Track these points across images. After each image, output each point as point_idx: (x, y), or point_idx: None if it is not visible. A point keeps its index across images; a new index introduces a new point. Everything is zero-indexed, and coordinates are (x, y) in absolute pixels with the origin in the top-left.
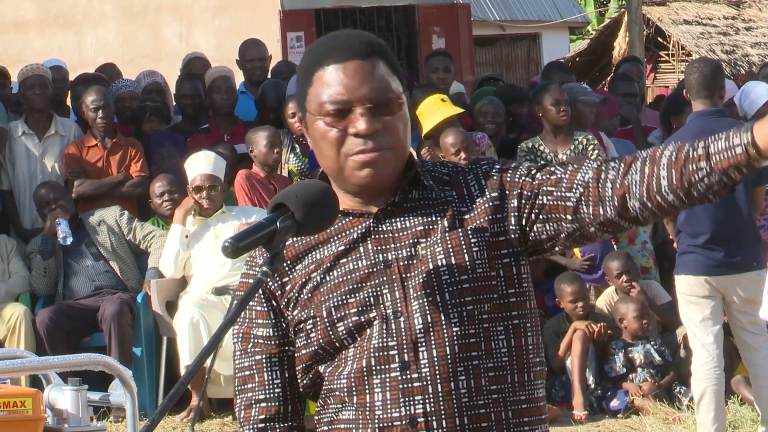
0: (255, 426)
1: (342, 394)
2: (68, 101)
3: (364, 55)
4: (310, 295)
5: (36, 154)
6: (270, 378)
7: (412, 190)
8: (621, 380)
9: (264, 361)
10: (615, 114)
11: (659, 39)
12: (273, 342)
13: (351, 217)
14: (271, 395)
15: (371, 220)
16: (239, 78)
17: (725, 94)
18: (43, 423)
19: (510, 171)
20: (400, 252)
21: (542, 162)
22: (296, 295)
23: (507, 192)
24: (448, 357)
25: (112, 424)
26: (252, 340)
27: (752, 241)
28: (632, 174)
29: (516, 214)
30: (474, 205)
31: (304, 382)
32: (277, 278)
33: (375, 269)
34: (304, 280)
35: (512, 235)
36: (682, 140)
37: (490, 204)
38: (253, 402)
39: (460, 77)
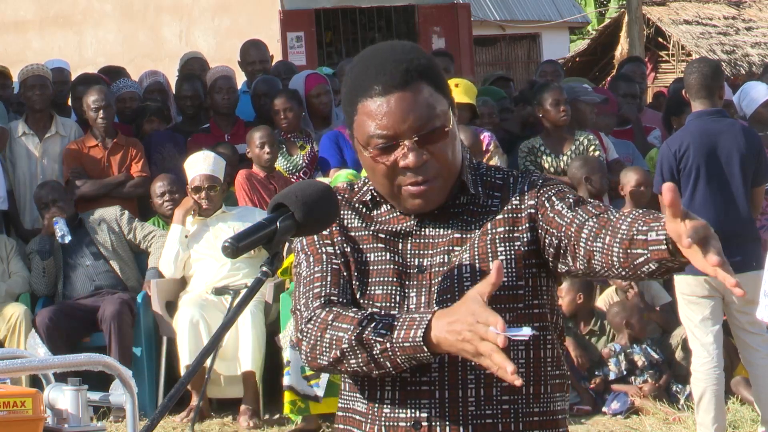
0: (313, 306)
1: (357, 385)
2: (69, 102)
3: (405, 84)
4: (346, 261)
5: (36, 154)
6: (335, 280)
7: (460, 195)
8: (620, 383)
9: (329, 269)
10: (612, 112)
11: (659, 39)
12: (338, 259)
13: (398, 213)
14: (334, 290)
15: (414, 221)
16: (240, 78)
17: (725, 94)
18: (43, 423)
19: (548, 186)
20: (434, 258)
21: (555, 180)
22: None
23: (539, 205)
24: (459, 364)
25: (112, 424)
26: (319, 254)
27: (752, 241)
28: (598, 241)
29: (540, 225)
30: (512, 215)
31: None
32: (340, 224)
33: (409, 271)
34: (343, 247)
35: (540, 245)
36: (682, 140)
37: (525, 213)
38: (312, 296)
39: (460, 77)
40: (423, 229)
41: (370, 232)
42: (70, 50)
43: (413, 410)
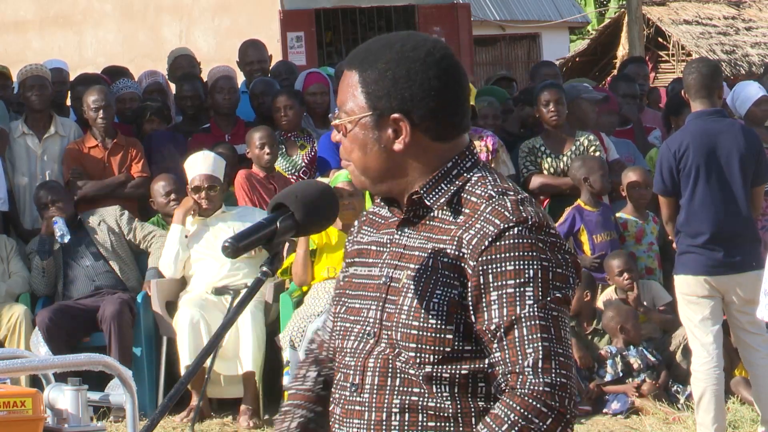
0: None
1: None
2: (68, 102)
3: (346, 65)
4: (343, 282)
5: (36, 154)
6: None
7: (420, 206)
8: (618, 384)
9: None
10: (614, 112)
11: (659, 39)
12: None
13: (395, 218)
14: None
15: (395, 229)
16: (241, 77)
17: (723, 93)
18: (43, 423)
19: (490, 251)
20: (397, 272)
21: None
22: (342, 274)
23: (478, 270)
24: (387, 388)
25: (112, 424)
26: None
27: (752, 241)
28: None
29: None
30: (457, 253)
31: None
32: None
33: (379, 281)
34: (345, 271)
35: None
36: (681, 140)
37: (468, 269)
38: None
39: None
40: (401, 238)
41: (368, 245)
42: (70, 50)
43: (348, 428)
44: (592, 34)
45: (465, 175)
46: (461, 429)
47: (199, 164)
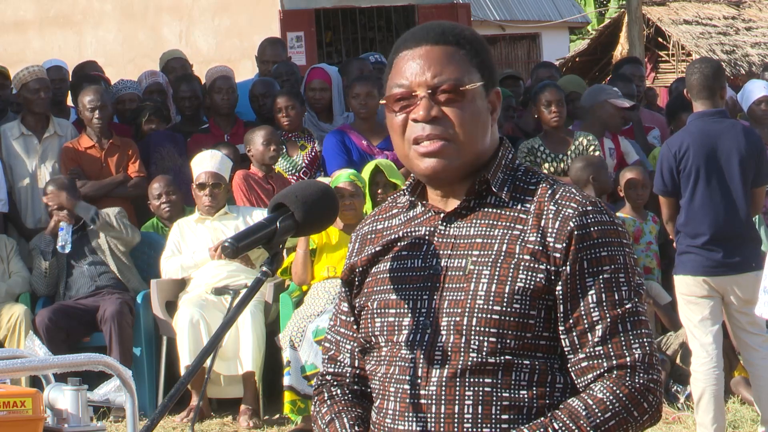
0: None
1: (373, 395)
2: (68, 101)
3: (436, 40)
4: (369, 279)
5: (36, 154)
6: (344, 344)
7: (488, 195)
8: None
9: (343, 330)
10: (627, 118)
11: (659, 39)
12: (347, 303)
13: (431, 213)
14: (343, 361)
15: (439, 221)
16: (240, 76)
17: (726, 94)
18: (43, 423)
19: (583, 237)
20: (452, 261)
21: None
22: (361, 278)
23: (570, 256)
24: (458, 380)
25: (112, 424)
26: (339, 317)
27: (751, 241)
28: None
29: (560, 279)
30: (540, 239)
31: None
32: (347, 261)
33: (425, 273)
34: (370, 261)
35: (557, 288)
36: (682, 141)
37: (554, 254)
38: (329, 346)
39: None
40: (448, 229)
41: (398, 239)
42: (70, 50)
43: (410, 423)
44: (592, 34)
45: (511, 165)
46: (534, 421)
47: (206, 162)
